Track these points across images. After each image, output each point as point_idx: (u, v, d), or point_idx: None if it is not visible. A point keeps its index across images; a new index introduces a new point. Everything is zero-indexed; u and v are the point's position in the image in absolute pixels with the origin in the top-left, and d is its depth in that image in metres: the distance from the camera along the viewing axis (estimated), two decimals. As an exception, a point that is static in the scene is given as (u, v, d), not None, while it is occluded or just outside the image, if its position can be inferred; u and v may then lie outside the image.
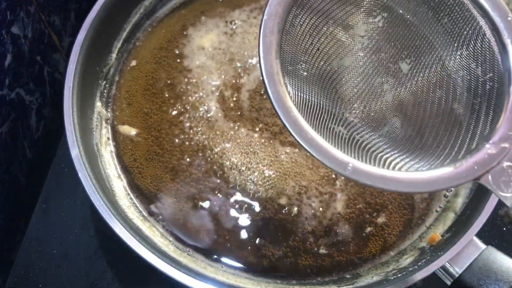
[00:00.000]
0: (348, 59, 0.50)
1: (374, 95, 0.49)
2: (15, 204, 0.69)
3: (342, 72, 0.50)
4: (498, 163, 0.39)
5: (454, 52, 0.47)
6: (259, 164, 0.61)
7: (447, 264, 0.50)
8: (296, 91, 0.44)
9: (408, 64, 0.49)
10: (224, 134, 0.63)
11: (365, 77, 0.50)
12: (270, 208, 0.59)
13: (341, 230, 0.58)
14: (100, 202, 0.52)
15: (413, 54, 0.49)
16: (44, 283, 0.62)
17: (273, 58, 0.41)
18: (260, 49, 0.42)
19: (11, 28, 0.63)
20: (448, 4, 0.46)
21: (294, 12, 0.44)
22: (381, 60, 0.50)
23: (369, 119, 0.48)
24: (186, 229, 0.59)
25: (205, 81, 0.67)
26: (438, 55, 0.48)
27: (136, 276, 0.62)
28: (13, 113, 0.66)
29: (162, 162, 0.62)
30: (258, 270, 0.57)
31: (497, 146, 0.39)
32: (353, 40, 0.50)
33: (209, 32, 0.70)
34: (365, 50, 0.50)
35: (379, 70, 0.50)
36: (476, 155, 0.40)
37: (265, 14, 0.42)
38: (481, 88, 0.44)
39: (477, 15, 0.44)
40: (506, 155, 0.39)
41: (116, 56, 0.68)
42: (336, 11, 0.48)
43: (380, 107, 0.49)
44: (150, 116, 0.65)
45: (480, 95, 0.44)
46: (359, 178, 0.39)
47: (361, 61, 0.50)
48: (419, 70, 0.49)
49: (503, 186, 0.39)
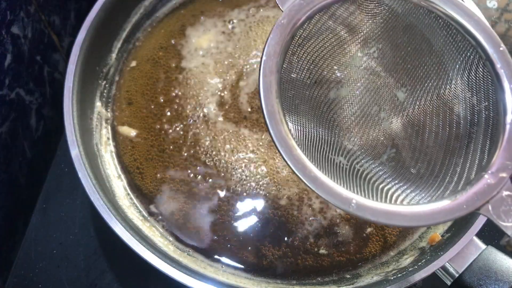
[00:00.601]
0: (345, 89, 0.51)
1: (371, 124, 0.50)
2: (15, 204, 0.69)
3: (339, 102, 0.50)
4: (497, 193, 0.39)
5: (449, 81, 0.47)
6: (259, 165, 0.61)
7: (447, 264, 0.50)
8: (296, 126, 0.45)
9: (404, 93, 0.50)
10: (224, 135, 0.63)
11: (362, 106, 0.50)
12: (270, 209, 0.59)
13: (342, 230, 0.58)
14: (100, 202, 0.52)
15: (409, 83, 0.50)
16: (44, 283, 0.62)
17: (274, 97, 0.41)
18: (261, 89, 0.41)
19: (11, 28, 0.63)
20: (442, 35, 0.46)
21: (292, 50, 0.45)
22: (377, 89, 0.51)
23: (367, 147, 0.49)
24: (186, 229, 0.59)
25: (204, 81, 0.67)
26: (433, 84, 0.48)
27: (136, 276, 0.62)
28: (13, 113, 0.66)
29: (162, 162, 0.62)
30: (258, 270, 0.57)
31: (495, 176, 0.40)
32: (350, 70, 0.51)
33: (207, 32, 0.70)
34: (362, 80, 0.51)
35: (376, 99, 0.51)
36: (476, 186, 0.40)
37: (264, 54, 0.42)
38: (477, 117, 0.45)
39: (470, 46, 0.44)
40: (505, 185, 0.40)
41: (116, 56, 0.68)
42: (332, 45, 0.49)
43: (378, 135, 0.50)
44: (150, 116, 0.65)
45: (477, 123, 0.45)
46: (363, 214, 0.39)
47: (358, 90, 0.51)
48: (415, 99, 0.49)
49: (503, 216, 0.39)
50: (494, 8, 0.79)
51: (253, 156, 0.62)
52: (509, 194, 0.40)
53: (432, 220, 0.39)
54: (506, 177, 0.40)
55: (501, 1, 0.79)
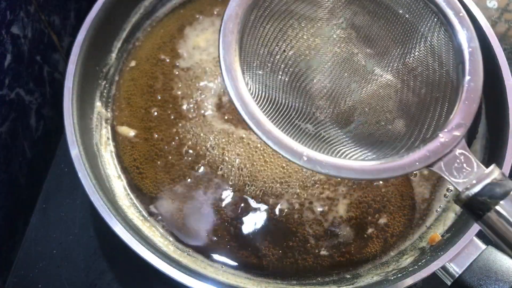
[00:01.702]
0: (315, 60, 0.51)
1: (342, 95, 0.51)
2: (15, 204, 0.69)
3: (311, 73, 0.51)
4: (450, 151, 0.41)
5: (413, 48, 0.49)
6: (259, 166, 0.61)
7: (447, 264, 0.50)
8: (261, 90, 0.46)
9: (372, 63, 0.51)
10: (224, 136, 0.63)
11: (333, 78, 0.51)
12: (271, 210, 0.59)
13: (343, 232, 0.58)
14: (100, 202, 0.52)
15: (377, 54, 0.51)
16: (44, 283, 0.62)
17: (232, 56, 0.43)
18: (220, 47, 0.43)
19: (11, 28, 0.63)
20: (405, 3, 0.49)
21: (255, 13, 0.46)
22: (346, 60, 0.52)
23: (337, 117, 0.50)
24: (186, 229, 0.58)
25: (202, 81, 0.67)
26: (399, 52, 0.50)
27: (136, 276, 0.62)
28: (12, 113, 0.66)
29: (162, 163, 0.62)
30: (258, 270, 0.57)
31: (449, 135, 0.42)
32: (319, 41, 0.51)
33: (204, 31, 0.70)
34: (332, 51, 0.52)
35: (346, 70, 0.51)
36: (430, 144, 0.42)
37: (225, 15, 0.44)
38: (438, 82, 0.47)
39: (432, 12, 0.47)
40: (459, 143, 0.42)
41: (116, 56, 0.68)
42: (299, 13, 0.50)
43: (348, 106, 0.51)
44: (149, 116, 0.65)
45: (438, 88, 0.47)
46: (313, 167, 0.41)
47: (328, 61, 0.51)
48: (383, 68, 0.51)
49: (455, 172, 0.41)
50: (494, 8, 0.79)
51: (253, 156, 0.62)
52: (462, 152, 0.41)
53: (382, 174, 0.41)
54: (460, 135, 0.41)
55: (501, 1, 0.79)
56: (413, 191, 0.61)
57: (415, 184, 0.61)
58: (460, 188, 0.40)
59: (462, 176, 0.41)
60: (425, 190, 0.61)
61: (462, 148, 0.42)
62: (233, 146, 0.62)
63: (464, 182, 0.40)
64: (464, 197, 0.40)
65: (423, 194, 0.61)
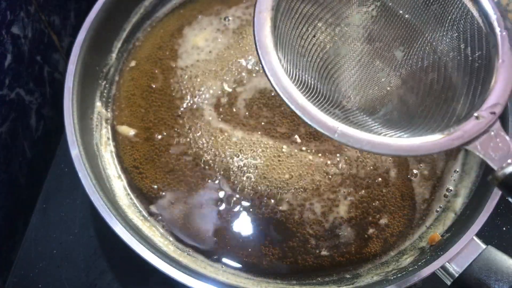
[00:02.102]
0: (344, 48, 0.52)
1: (370, 83, 0.51)
2: (15, 204, 0.69)
3: (339, 61, 0.51)
4: (485, 131, 0.42)
5: (444, 35, 0.50)
6: (259, 166, 0.61)
7: (447, 264, 0.50)
8: (292, 71, 0.46)
9: (402, 51, 0.52)
10: (224, 136, 0.63)
11: (361, 66, 0.52)
12: (271, 210, 0.59)
13: (343, 232, 0.58)
14: (100, 202, 0.52)
15: (406, 41, 0.51)
16: (44, 283, 0.62)
17: (267, 32, 0.44)
18: (255, 22, 0.44)
19: (11, 28, 0.63)
20: None
21: None
22: (376, 49, 0.52)
23: (365, 106, 0.50)
24: (186, 229, 0.59)
25: (202, 81, 0.67)
26: (429, 39, 0.50)
27: (136, 276, 0.62)
28: (13, 113, 0.66)
29: (162, 163, 0.62)
30: (258, 270, 0.57)
31: (485, 114, 0.42)
32: (349, 29, 0.52)
33: (203, 30, 0.70)
34: (361, 39, 0.52)
35: (375, 59, 0.52)
36: (465, 124, 0.42)
37: None
38: (470, 67, 0.47)
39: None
40: (494, 123, 0.42)
41: (116, 56, 0.68)
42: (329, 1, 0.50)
43: (376, 94, 0.51)
44: (149, 116, 0.65)
45: (470, 72, 0.47)
46: (347, 141, 0.41)
47: (357, 50, 0.52)
48: (412, 55, 0.51)
49: (491, 152, 0.42)
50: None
51: (254, 157, 0.62)
52: (498, 132, 0.42)
53: (416, 151, 0.42)
54: (495, 115, 0.42)
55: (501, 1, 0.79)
56: (413, 191, 0.61)
57: (415, 184, 0.61)
58: (496, 166, 0.41)
59: (497, 155, 0.41)
60: (425, 190, 0.61)
61: (498, 128, 0.42)
62: (233, 146, 0.62)
63: (500, 161, 0.41)
64: (501, 175, 0.40)
65: (423, 194, 0.61)
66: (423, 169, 0.62)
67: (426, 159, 0.62)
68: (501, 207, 0.66)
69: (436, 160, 0.62)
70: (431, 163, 0.62)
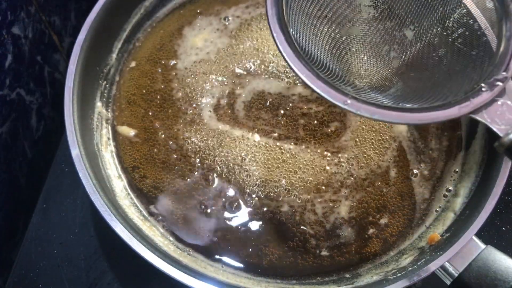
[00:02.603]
0: (355, 28, 0.53)
1: (382, 63, 0.52)
2: (15, 204, 0.69)
3: (351, 41, 0.52)
4: (492, 101, 0.44)
5: (454, 11, 0.50)
6: (260, 166, 0.61)
7: (447, 264, 0.50)
8: (304, 47, 0.47)
9: (412, 30, 0.52)
10: (224, 136, 0.63)
11: (373, 46, 0.53)
12: (271, 210, 0.59)
13: (344, 233, 0.58)
14: (100, 202, 0.52)
15: (416, 20, 0.52)
16: (44, 283, 0.62)
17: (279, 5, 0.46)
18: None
19: (11, 28, 0.63)
20: None
21: None
22: (387, 29, 0.53)
23: (377, 85, 0.51)
24: (186, 229, 0.59)
25: (201, 81, 0.67)
26: (438, 16, 0.51)
27: (136, 276, 0.62)
28: (13, 113, 0.66)
29: (162, 163, 0.62)
30: (258, 270, 0.57)
31: (492, 86, 0.44)
32: (360, 9, 0.53)
33: (202, 30, 0.70)
34: (372, 19, 0.53)
35: (386, 39, 0.53)
36: (473, 94, 0.44)
37: None
38: (478, 41, 0.48)
39: None
40: (501, 93, 0.44)
41: (116, 56, 0.68)
42: None
43: (387, 73, 0.52)
44: (148, 117, 0.65)
45: (477, 46, 0.48)
46: (357, 110, 0.43)
47: (368, 30, 0.53)
48: (423, 34, 0.52)
49: (497, 120, 0.43)
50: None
51: (254, 157, 0.62)
52: (504, 101, 0.44)
53: (425, 119, 0.44)
54: (502, 85, 0.44)
55: (500, 1, 0.79)
56: (413, 191, 0.61)
57: (415, 184, 0.61)
58: (502, 133, 0.43)
59: (503, 123, 0.43)
60: (425, 190, 0.61)
61: (504, 98, 0.44)
62: (233, 146, 0.62)
63: (506, 128, 0.43)
64: (506, 141, 0.42)
65: (423, 194, 0.61)
66: (423, 169, 0.62)
67: (426, 159, 0.62)
68: (501, 207, 0.66)
69: (436, 160, 0.63)
70: (431, 163, 0.62)
